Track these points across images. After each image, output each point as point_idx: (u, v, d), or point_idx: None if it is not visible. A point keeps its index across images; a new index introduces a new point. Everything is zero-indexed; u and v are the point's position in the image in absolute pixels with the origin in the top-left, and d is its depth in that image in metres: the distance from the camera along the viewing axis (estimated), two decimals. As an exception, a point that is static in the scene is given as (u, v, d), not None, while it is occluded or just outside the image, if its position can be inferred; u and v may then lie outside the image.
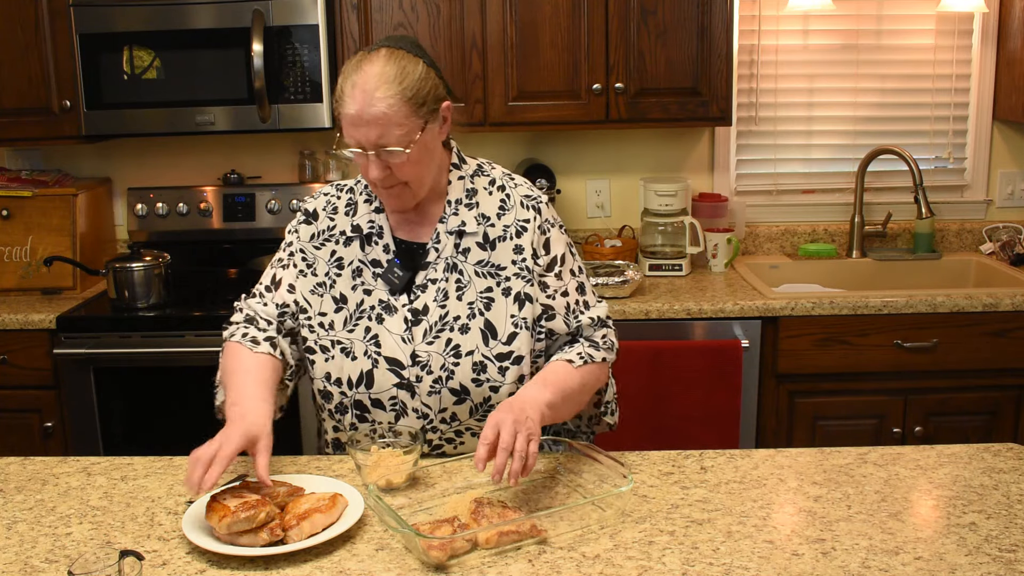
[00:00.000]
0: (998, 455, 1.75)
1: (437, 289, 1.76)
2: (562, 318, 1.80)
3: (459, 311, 1.75)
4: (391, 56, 1.66)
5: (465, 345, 1.74)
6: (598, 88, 3.06)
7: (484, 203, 1.81)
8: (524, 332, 1.76)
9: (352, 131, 1.65)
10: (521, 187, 1.84)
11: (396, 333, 1.75)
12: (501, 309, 1.76)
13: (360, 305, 1.77)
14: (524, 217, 1.80)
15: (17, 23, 3.05)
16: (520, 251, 1.78)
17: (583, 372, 1.76)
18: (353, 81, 1.64)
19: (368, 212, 1.82)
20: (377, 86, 1.63)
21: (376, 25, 3.03)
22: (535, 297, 1.78)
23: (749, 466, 1.73)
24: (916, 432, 2.93)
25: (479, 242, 1.78)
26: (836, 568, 1.37)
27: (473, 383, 1.73)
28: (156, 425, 2.95)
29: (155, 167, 3.50)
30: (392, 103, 1.63)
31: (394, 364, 1.74)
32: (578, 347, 1.79)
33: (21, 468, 1.78)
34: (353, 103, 1.63)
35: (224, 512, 1.42)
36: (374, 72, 1.64)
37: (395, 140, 1.65)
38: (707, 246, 3.31)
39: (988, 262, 3.37)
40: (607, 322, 1.86)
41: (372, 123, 1.63)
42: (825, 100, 3.50)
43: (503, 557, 1.42)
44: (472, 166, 1.84)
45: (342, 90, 1.66)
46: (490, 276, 1.77)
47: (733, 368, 2.85)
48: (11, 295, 3.18)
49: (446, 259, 1.77)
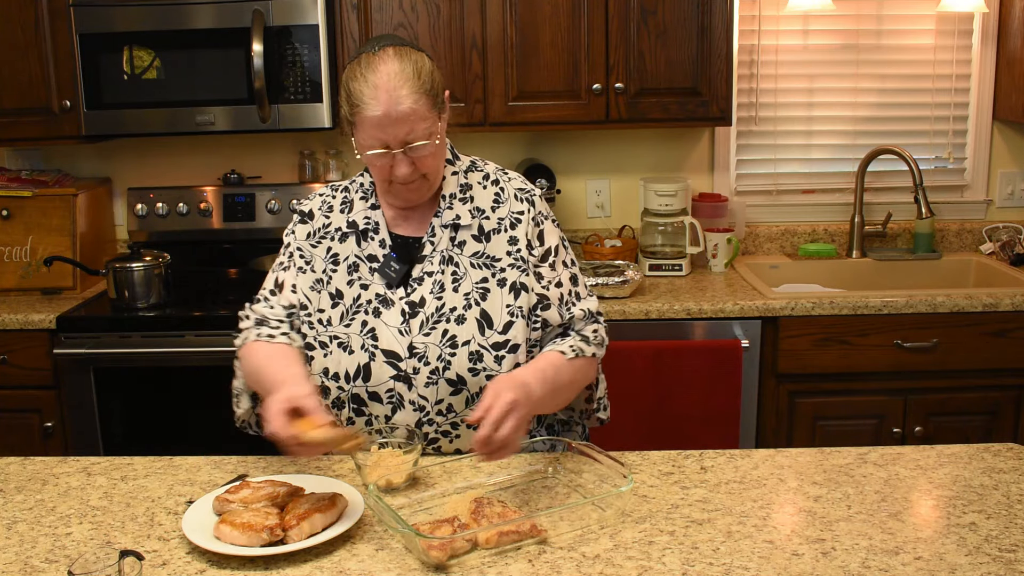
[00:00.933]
0: (998, 455, 1.75)
1: (433, 282, 1.78)
2: (556, 308, 1.82)
3: (455, 302, 1.76)
4: (400, 53, 1.68)
5: (461, 335, 1.75)
6: (598, 88, 3.06)
7: (479, 197, 1.83)
8: (520, 321, 1.77)
9: (377, 132, 1.66)
10: (514, 180, 1.87)
11: (393, 326, 1.76)
12: (497, 299, 1.77)
13: (357, 300, 1.79)
14: (518, 209, 1.83)
15: (17, 23, 3.05)
16: (515, 242, 1.80)
17: (574, 365, 1.78)
18: (372, 83, 1.64)
19: (364, 208, 1.84)
20: (400, 84, 1.64)
21: (376, 25, 3.03)
22: (531, 287, 1.79)
23: (749, 466, 1.73)
24: (916, 432, 2.93)
25: (474, 235, 1.80)
26: (836, 568, 1.37)
27: (470, 372, 1.74)
28: (156, 425, 2.95)
29: (155, 167, 3.50)
30: (416, 98, 1.65)
31: (391, 356, 1.75)
32: (570, 340, 1.81)
33: (21, 468, 1.78)
34: (378, 104, 1.64)
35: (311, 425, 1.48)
36: (393, 71, 1.65)
37: (421, 134, 1.67)
38: (707, 246, 3.31)
39: (988, 262, 3.37)
40: (598, 317, 1.88)
41: (400, 121, 1.64)
42: (825, 100, 3.50)
43: (503, 557, 1.42)
44: (465, 162, 1.88)
45: (359, 93, 1.65)
46: (485, 267, 1.79)
47: (733, 368, 2.85)
48: (11, 295, 3.18)
49: (442, 252, 1.79)
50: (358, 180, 1.89)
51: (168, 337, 2.89)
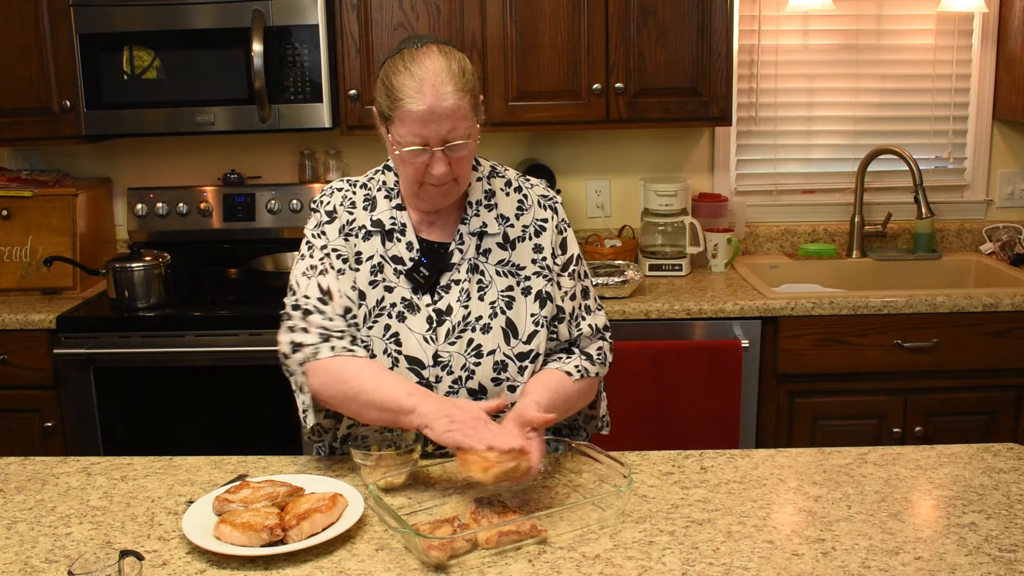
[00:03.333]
0: (998, 455, 1.75)
1: (460, 289, 1.75)
2: (567, 322, 1.81)
3: (481, 311, 1.74)
4: (444, 51, 1.65)
5: (487, 345, 1.73)
6: (598, 88, 3.06)
7: (502, 204, 1.80)
8: (543, 331, 1.76)
9: (419, 128, 1.62)
10: (537, 187, 1.85)
11: (418, 332, 1.73)
12: (522, 308, 1.76)
13: (380, 302, 1.74)
14: (542, 217, 1.81)
15: (17, 23, 3.05)
16: (540, 250, 1.79)
17: (578, 387, 1.77)
18: (419, 76, 1.61)
19: (389, 208, 1.78)
20: (446, 80, 1.61)
21: (376, 25, 3.03)
22: (554, 296, 1.78)
23: (749, 466, 1.73)
24: (916, 432, 2.93)
25: (499, 242, 1.78)
26: (836, 568, 1.37)
27: (492, 383, 1.73)
28: (156, 425, 2.95)
29: (155, 167, 3.50)
30: (461, 96, 1.62)
31: (415, 363, 1.72)
32: (575, 359, 1.79)
33: (21, 468, 1.78)
34: (423, 99, 1.60)
35: (487, 464, 1.49)
36: (439, 66, 1.62)
37: (462, 134, 1.64)
38: (707, 246, 3.31)
39: (988, 262, 3.37)
40: (604, 333, 1.86)
41: (445, 117, 1.61)
42: (825, 100, 3.50)
43: (503, 557, 1.42)
44: (487, 168, 1.84)
45: (403, 88, 1.61)
46: (511, 275, 1.77)
47: (733, 368, 2.85)
48: (11, 295, 3.18)
49: (469, 260, 1.77)
50: (378, 177, 1.82)
51: (168, 337, 2.89)
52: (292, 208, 3.34)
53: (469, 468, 1.51)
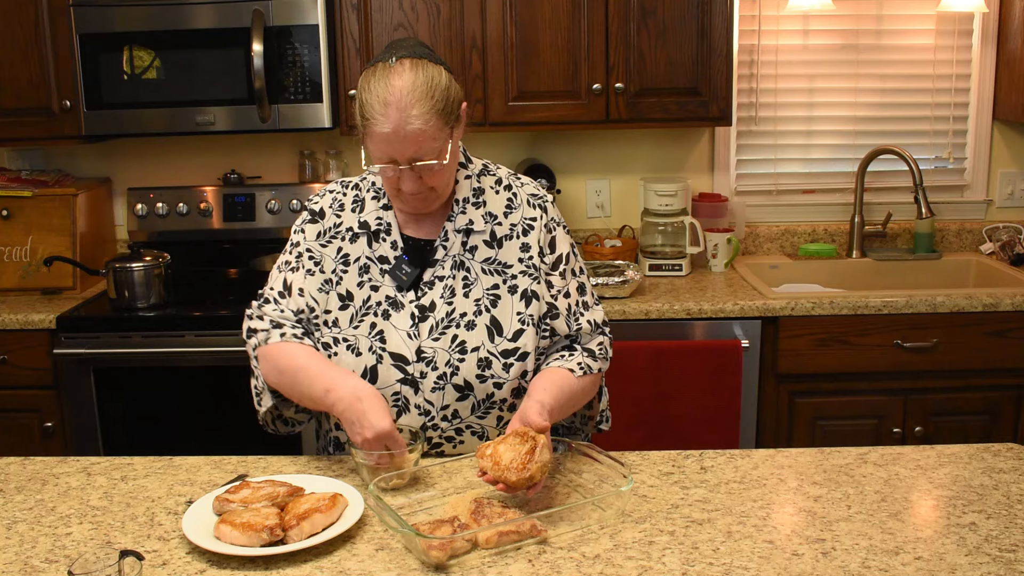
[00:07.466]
0: (998, 455, 1.75)
1: (444, 286, 1.77)
2: (564, 318, 1.81)
3: (465, 308, 1.76)
4: (416, 67, 1.65)
5: (471, 341, 1.74)
6: (598, 88, 3.06)
7: (491, 202, 1.82)
8: (530, 329, 1.76)
9: (385, 148, 1.64)
10: (527, 186, 1.86)
11: (402, 329, 1.75)
12: (507, 306, 1.77)
13: (366, 302, 1.77)
14: (531, 215, 1.82)
15: (17, 23, 3.05)
16: (527, 249, 1.80)
17: (581, 383, 1.77)
18: (383, 99, 1.62)
19: (376, 209, 1.82)
20: (411, 103, 1.61)
21: (376, 25, 3.03)
22: (541, 295, 1.79)
23: (749, 466, 1.73)
24: (916, 432, 2.93)
25: (486, 240, 1.79)
26: (836, 568, 1.37)
27: (477, 379, 1.74)
28: (156, 425, 2.95)
29: (155, 167, 3.50)
30: (427, 118, 1.62)
31: (399, 360, 1.74)
32: (577, 356, 1.79)
33: (21, 468, 1.78)
34: (387, 121, 1.62)
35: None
36: (405, 87, 1.62)
37: (430, 154, 1.65)
38: (707, 246, 3.31)
39: (988, 262, 3.37)
40: (604, 328, 1.87)
41: (408, 140, 1.62)
42: (825, 100, 3.50)
43: (503, 557, 1.42)
44: (478, 166, 1.86)
45: (371, 107, 1.63)
46: (497, 274, 1.78)
47: (733, 368, 2.85)
48: (11, 295, 3.18)
49: (453, 256, 1.78)
50: (370, 178, 1.85)
51: (168, 337, 2.89)
52: (292, 208, 3.34)
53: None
